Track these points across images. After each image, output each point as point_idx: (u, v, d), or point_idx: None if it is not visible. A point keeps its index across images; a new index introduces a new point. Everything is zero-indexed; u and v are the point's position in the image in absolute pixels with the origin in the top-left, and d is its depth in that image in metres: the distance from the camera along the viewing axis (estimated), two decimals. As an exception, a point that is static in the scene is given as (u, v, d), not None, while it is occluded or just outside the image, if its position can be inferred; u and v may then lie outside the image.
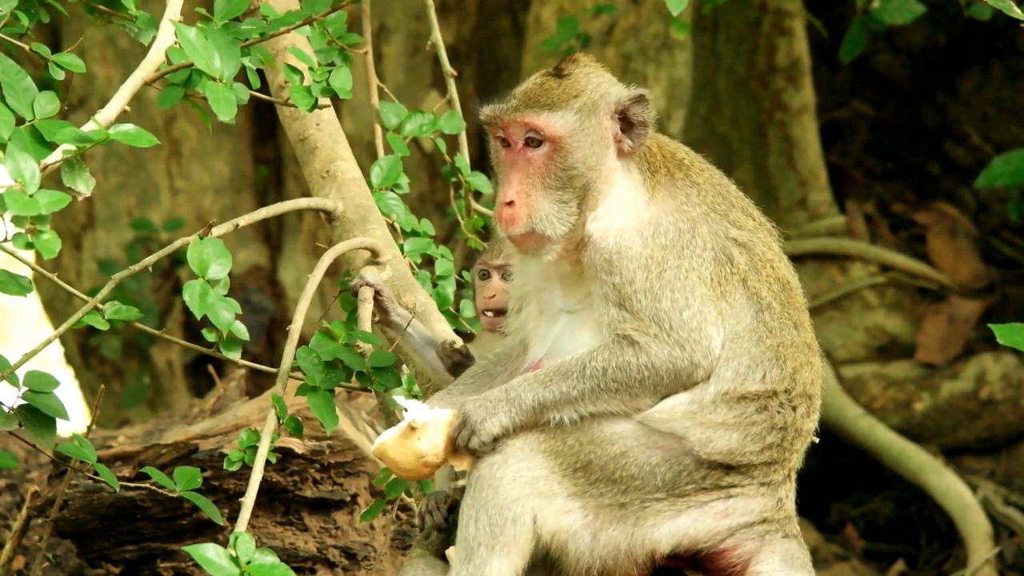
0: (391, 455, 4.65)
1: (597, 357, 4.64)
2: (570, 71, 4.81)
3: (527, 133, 4.75)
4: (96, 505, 6.46)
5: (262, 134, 11.11)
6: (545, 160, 4.74)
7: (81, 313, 4.82)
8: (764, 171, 10.61)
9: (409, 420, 4.64)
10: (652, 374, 4.63)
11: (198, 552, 4.43)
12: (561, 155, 4.74)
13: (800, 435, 4.78)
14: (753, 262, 4.77)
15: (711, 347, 4.66)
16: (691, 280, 4.67)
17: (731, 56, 10.66)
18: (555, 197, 4.74)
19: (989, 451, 10.20)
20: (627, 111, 4.80)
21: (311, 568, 6.53)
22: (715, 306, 4.68)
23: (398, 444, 4.64)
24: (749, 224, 4.84)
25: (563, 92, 4.77)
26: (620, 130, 4.81)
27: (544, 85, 4.78)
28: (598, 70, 4.87)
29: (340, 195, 5.56)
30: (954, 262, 10.62)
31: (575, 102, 4.76)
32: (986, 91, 10.87)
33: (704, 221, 4.76)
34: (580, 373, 4.64)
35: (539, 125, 4.73)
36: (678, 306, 4.64)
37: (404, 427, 4.64)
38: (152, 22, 5.25)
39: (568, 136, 4.74)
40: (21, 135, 4.54)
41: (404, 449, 4.65)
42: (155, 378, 10.94)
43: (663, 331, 4.63)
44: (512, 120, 4.75)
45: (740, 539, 4.73)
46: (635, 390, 4.65)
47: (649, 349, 4.63)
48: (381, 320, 5.22)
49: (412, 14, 10.74)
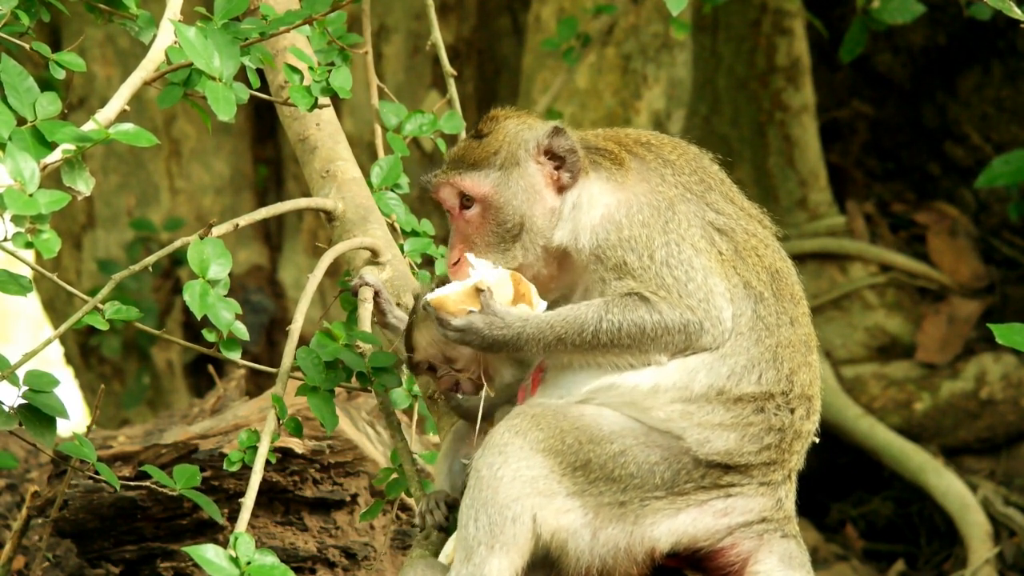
0: (451, 308, 4.72)
1: (611, 314, 4.66)
2: (489, 129, 4.92)
3: (457, 196, 4.86)
4: (96, 505, 6.46)
5: (262, 134, 11.11)
6: (479, 218, 4.85)
7: (81, 313, 4.82)
8: (764, 171, 10.61)
9: (476, 280, 4.72)
10: (664, 333, 4.65)
11: (198, 552, 4.43)
12: (492, 211, 4.84)
13: (799, 437, 4.78)
14: (737, 250, 4.77)
15: (721, 317, 4.68)
16: (685, 252, 4.70)
17: (731, 56, 10.66)
18: (497, 249, 4.84)
19: (989, 451, 10.20)
20: (551, 147, 4.85)
21: (311, 568, 6.53)
22: (720, 279, 4.69)
23: (459, 300, 4.72)
24: (729, 209, 4.83)
25: (482, 151, 4.87)
26: (555, 168, 4.85)
27: (468, 147, 4.91)
28: (516, 120, 4.94)
29: (340, 195, 5.56)
30: (954, 262, 10.62)
31: (495, 159, 4.86)
32: (986, 91, 10.87)
33: (681, 201, 4.78)
34: (595, 329, 4.66)
35: (465, 187, 4.86)
36: (681, 280, 4.67)
37: (470, 287, 4.71)
38: (152, 21, 5.25)
39: (493, 193, 4.84)
40: (22, 135, 4.55)
41: (465, 304, 4.71)
42: (155, 378, 10.94)
43: (672, 295, 4.66)
44: (440, 184, 4.89)
45: (739, 538, 4.73)
46: (647, 347, 4.67)
47: (661, 308, 4.65)
48: (378, 321, 5.23)
49: (412, 14, 10.74)
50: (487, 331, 4.70)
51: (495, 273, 4.76)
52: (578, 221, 4.78)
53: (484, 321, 4.69)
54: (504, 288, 4.74)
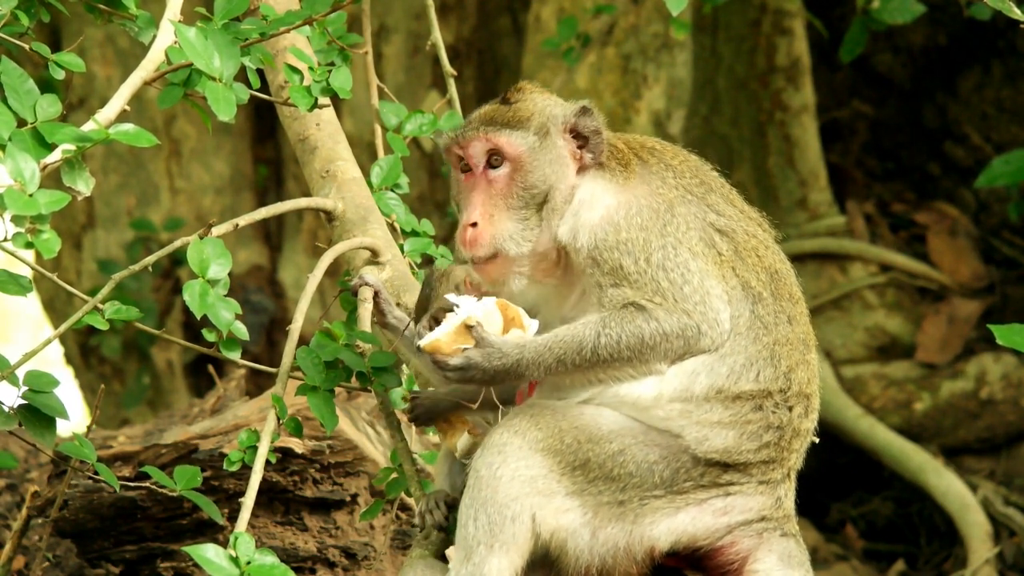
0: (445, 350, 4.69)
1: (609, 328, 4.64)
2: (517, 98, 4.89)
3: (488, 153, 4.81)
4: (96, 505, 6.46)
5: (262, 134, 11.11)
6: (507, 180, 4.80)
7: (81, 313, 4.83)
8: (764, 171, 10.61)
9: (464, 317, 4.68)
10: (663, 340, 4.64)
11: (198, 552, 4.43)
12: (522, 174, 4.79)
13: (798, 435, 4.78)
14: (737, 250, 4.78)
15: (718, 319, 4.67)
16: (682, 255, 4.69)
17: (731, 56, 10.66)
18: (518, 216, 4.79)
19: (989, 451, 10.20)
20: (576, 126, 4.84)
21: (311, 568, 6.54)
22: (717, 282, 4.69)
23: (452, 340, 4.68)
24: (729, 211, 4.84)
25: (516, 114, 4.84)
26: (577, 147, 4.84)
27: (498, 110, 4.87)
28: (543, 94, 4.94)
29: (340, 195, 5.56)
30: (954, 262, 10.62)
31: (530, 123, 4.83)
32: (986, 91, 10.87)
33: (681, 203, 4.78)
34: (594, 346, 4.64)
35: (500, 143, 4.80)
36: (677, 284, 4.66)
37: (459, 324, 4.68)
38: (152, 21, 5.25)
39: (528, 155, 4.80)
40: (22, 136, 4.55)
41: (458, 343, 4.68)
42: (155, 378, 10.94)
43: (668, 301, 4.65)
44: (475, 138, 4.82)
45: (738, 536, 4.73)
46: (647, 357, 4.66)
47: (657, 315, 4.63)
48: (378, 321, 5.23)
49: (412, 14, 10.75)
50: (486, 363, 4.67)
51: (481, 306, 4.72)
52: (579, 218, 4.78)
53: (482, 354, 4.66)
54: (493, 319, 4.71)
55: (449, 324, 4.70)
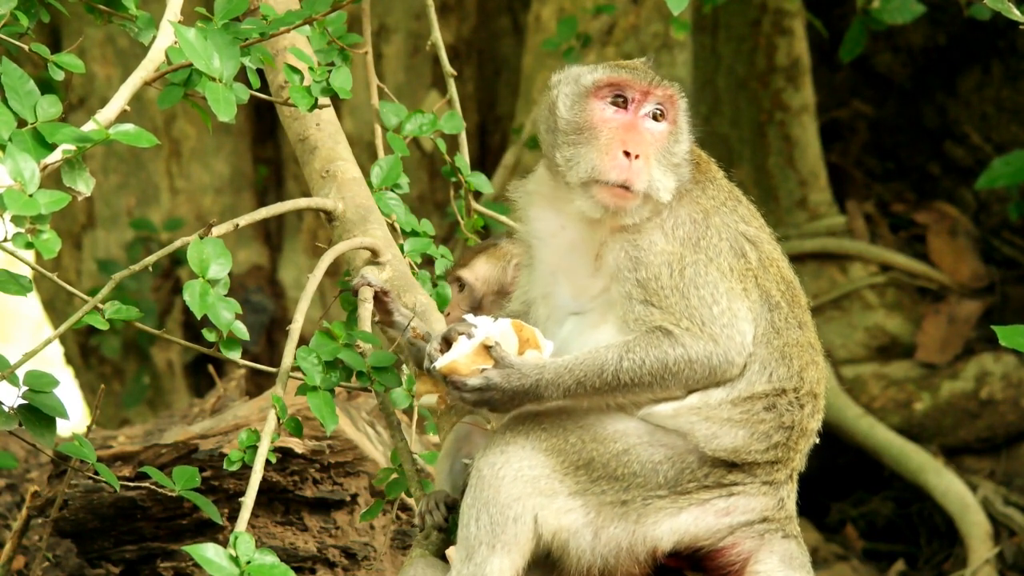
0: (463, 371, 4.65)
1: (633, 353, 4.62)
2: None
3: (658, 107, 4.80)
4: (96, 505, 6.46)
5: (262, 134, 11.11)
6: (664, 136, 4.78)
7: (81, 313, 4.83)
8: (764, 171, 10.62)
9: (483, 338, 4.63)
10: (687, 367, 4.62)
11: (198, 552, 4.43)
12: (674, 136, 4.80)
13: (805, 435, 4.78)
14: (762, 259, 4.78)
15: (745, 343, 4.66)
16: (711, 275, 4.67)
17: (731, 56, 10.66)
18: (663, 164, 4.75)
19: (989, 451, 10.20)
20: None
21: (311, 568, 6.54)
22: (743, 302, 4.68)
23: (470, 360, 4.64)
24: (755, 222, 4.86)
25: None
26: None
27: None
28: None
29: (340, 195, 5.56)
30: (954, 262, 10.62)
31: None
32: (986, 91, 10.88)
33: (716, 212, 4.78)
34: (616, 369, 4.61)
35: (678, 104, 4.83)
36: (706, 303, 4.64)
37: (478, 345, 4.63)
38: (152, 22, 5.25)
39: (684, 124, 4.84)
40: (22, 136, 4.55)
41: (476, 364, 4.64)
42: (155, 378, 10.94)
43: (695, 325, 4.62)
44: (661, 86, 4.81)
45: (740, 537, 4.73)
46: (668, 383, 4.63)
47: (684, 340, 4.61)
48: (383, 321, 5.21)
49: (412, 14, 10.74)
50: (506, 384, 4.62)
51: (496, 326, 4.67)
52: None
53: (501, 375, 4.61)
54: (509, 339, 4.67)
55: (466, 345, 4.66)
